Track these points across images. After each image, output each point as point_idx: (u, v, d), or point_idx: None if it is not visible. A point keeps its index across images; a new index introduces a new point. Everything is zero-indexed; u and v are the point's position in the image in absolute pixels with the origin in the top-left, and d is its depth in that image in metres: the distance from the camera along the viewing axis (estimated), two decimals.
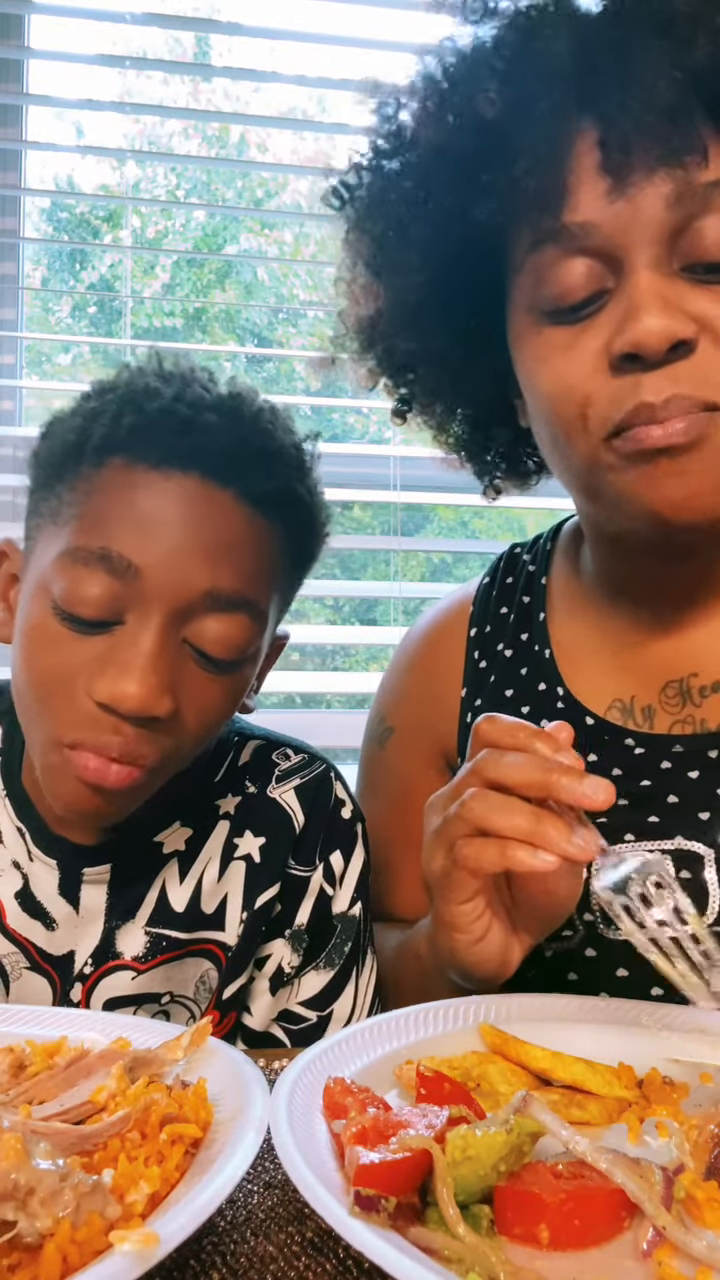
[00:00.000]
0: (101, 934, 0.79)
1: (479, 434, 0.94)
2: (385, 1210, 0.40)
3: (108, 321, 2.04)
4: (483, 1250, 0.40)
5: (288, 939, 0.84)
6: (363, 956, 0.86)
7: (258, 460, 0.72)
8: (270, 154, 2.03)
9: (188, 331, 2.05)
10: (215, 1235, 0.47)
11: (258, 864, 0.83)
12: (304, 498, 0.78)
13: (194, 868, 0.82)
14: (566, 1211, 0.41)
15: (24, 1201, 0.38)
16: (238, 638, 0.71)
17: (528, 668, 0.90)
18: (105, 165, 1.94)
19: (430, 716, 0.96)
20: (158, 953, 0.80)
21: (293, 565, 0.79)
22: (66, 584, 0.68)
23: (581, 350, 0.71)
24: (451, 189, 0.74)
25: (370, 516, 2.03)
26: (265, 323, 2.14)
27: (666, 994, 0.78)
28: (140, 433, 0.70)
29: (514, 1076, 0.57)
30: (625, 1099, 0.56)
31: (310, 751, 0.89)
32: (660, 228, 0.67)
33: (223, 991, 0.82)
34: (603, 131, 0.67)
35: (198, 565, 0.68)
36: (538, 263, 0.72)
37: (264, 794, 0.85)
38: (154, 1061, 0.54)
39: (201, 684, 0.71)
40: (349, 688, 1.80)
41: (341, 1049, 0.56)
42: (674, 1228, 0.41)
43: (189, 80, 1.99)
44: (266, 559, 0.74)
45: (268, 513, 0.73)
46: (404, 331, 0.85)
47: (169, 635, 0.68)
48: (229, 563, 0.70)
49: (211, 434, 0.70)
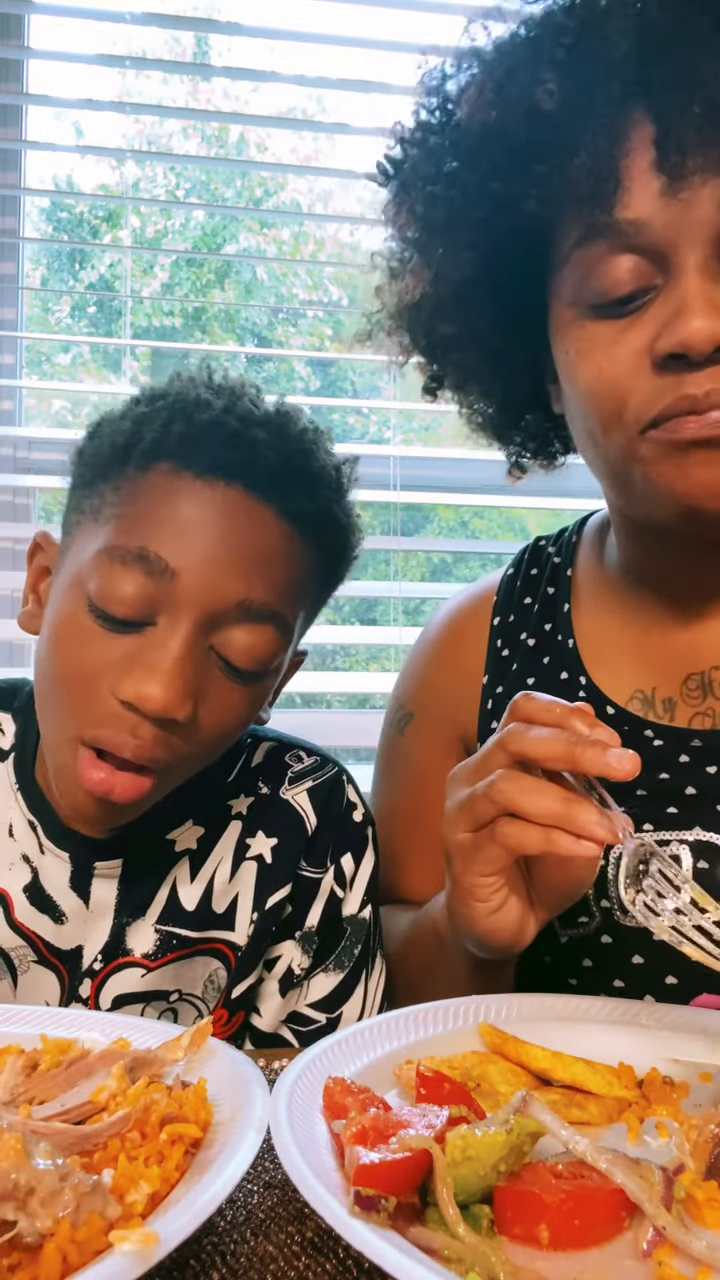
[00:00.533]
0: (111, 930, 0.80)
1: (510, 415, 0.94)
2: (385, 1210, 0.39)
3: (107, 321, 2.04)
4: (483, 1250, 0.40)
5: (298, 941, 0.84)
6: (372, 959, 0.86)
7: (300, 479, 0.74)
8: (270, 153, 2.03)
9: (187, 331, 2.05)
10: (215, 1235, 0.47)
11: (269, 865, 0.83)
12: (339, 519, 0.79)
13: (205, 866, 0.83)
14: (566, 1211, 0.41)
15: (24, 1201, 0.38)
16: (264, 650, 0.72)
17: (550, 657, 0.91)
18: (105, 165, 1.94)
19: (451, 703, 0.96)
20: (167, 950, 0.81)
21: (321, 584, 0.80)
22: (102, 581, 0.69)
23: (625, 347, 0.71)
24: (503, 177, 0.74)
25: (370, 516, 2.03)
26: (265, 322, 2.14)
27: (681, 982, 0.78)
28: (189, 441, 0.71)
29: (514, 1076, 0.57)
30: (625, 1099, 0.56)
31: (322, 754, 0.90)
32: (711, 229, 0.67)
33: (231, 991, 0.82)
34: (659, 130, 0.67)
35: (233, 574, 0.70)
36: (585, 257, 0.72)
37: (277, 795, 0.85)
38: (154, 1062, 0.54)
39: (223, 692, 0.72)
40: (349, 688, 1.80)
41: (341, 1049, 0.57)
42: (674, 1228, 0.41)
43: (188, 80, 1.99)
44: (298, 576, 0.75)
45: (304, 531, 0.74)
46: (444, 313, 0.85)
47: (198, 641, 0.69)
48: (263, 575, 0.71)
49: (258, 449, 0.72)
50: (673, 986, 0.79)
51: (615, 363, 0.71)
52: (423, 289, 0.83)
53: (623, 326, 0.71)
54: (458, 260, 0.79)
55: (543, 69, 0.70)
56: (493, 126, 0.73)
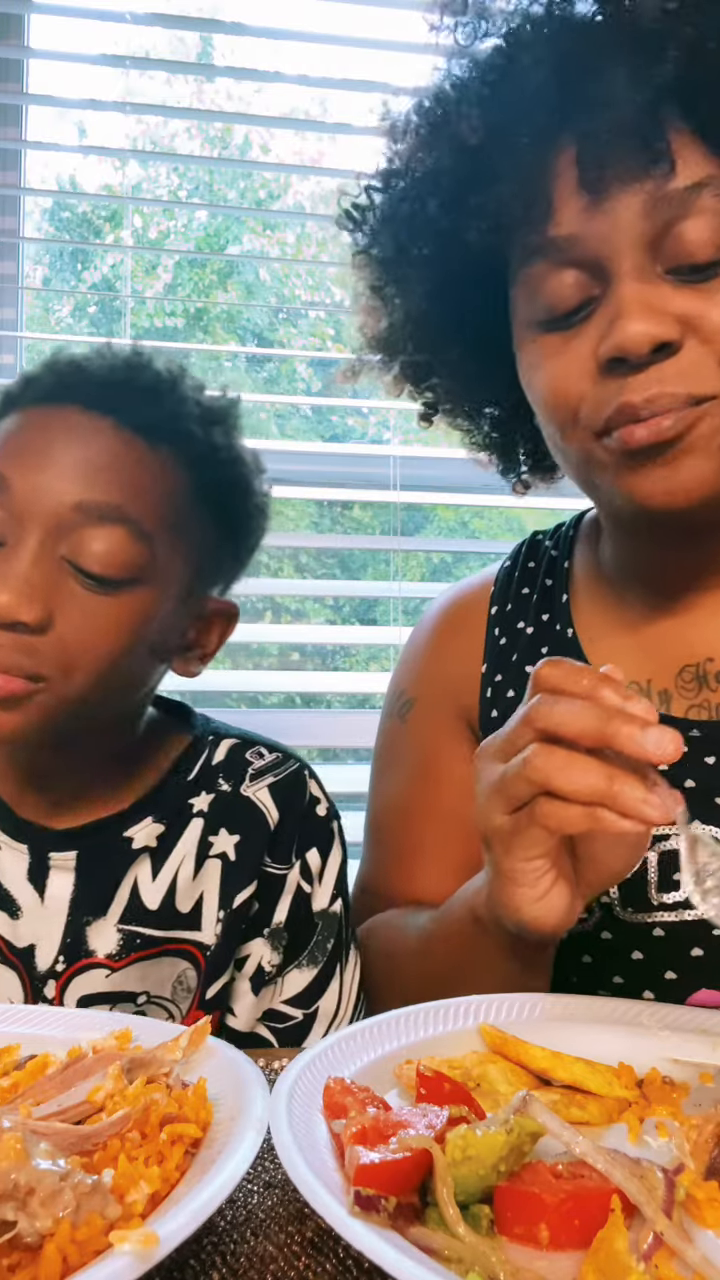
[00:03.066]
0: (68, 929, 0.79)
1: (504, 433, 0.97)
2: (385, 1210, 0.39)
3: (109, 321, 2.04)
4: (483, 1250, 0.40)
5: (267, 938, 0.84)
6: (346, 953, 0.86)
7: (139, 392, 0.77)
8: (273, 155, 2.03)
9: (189, 331, 2.05)
10: (215, 1235, 0.47)
11: (233, 862, 0.83)
12: (199, 434, 0.79)
13: (167, 865, 0.82)
14: (566, 1211, 0.41)
15: (24, 1201, 0.38)
16: (117, 553, 0.72)
17: (549, 646, 0.92)
18: (108, 165, 1.94)
19: (452, 687, 0.96)
20: (131, 950, 0.80)
21: (205, 510, 0.79)
22: None
23: (571, 355, 0.74)
24: (444, 212, 0.78)
25: (370, 516, 2.04)
26: (266, 323, 2.14)
27: (680, 978, 0.78)
28: (34, 380, 0.77)
29: (514, 1076, 0.57)
30: (625, 1099, 0.56)
31: (283, 750, 0.90)
32: (639, 235, 0.70)
33: (205, 992, 0.82)
34: (579, 150, 0.71)
35: (66, 479, 0.72)
36: (529, 276, 0.76)
37: (238, 792, 0.85)
38: (152, 1062, 0.54)
39: (84, 603, 0.72)
40: (349, 688, 1.80)
41: (341, 1049, 0.56)
42: (672, 1233, 0.41)
43: (192, 81, 1.99)
44: (152, 483, 0.75)
45: (153, 440, 0.75)
46: (417, 347, 0.89)
47: (44, 549, 0.71)
48: (101, 476, 0.73)
49: (94, 372, 0.77)
50: (672, 982, 0.79)
51: (564, 371, 0.74)
52: (393, 328, 0.87)
53: (569, 336, 0.74)
54: (418, 297, 0.84)
55: (468, 105, 0.75)
56: (430, 165, 0.78)
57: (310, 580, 2.10)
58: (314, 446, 1.95)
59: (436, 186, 0.78)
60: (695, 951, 0.77)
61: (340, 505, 1.97)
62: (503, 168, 0.73)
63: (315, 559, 2.10)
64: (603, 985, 0.81)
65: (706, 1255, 0.40)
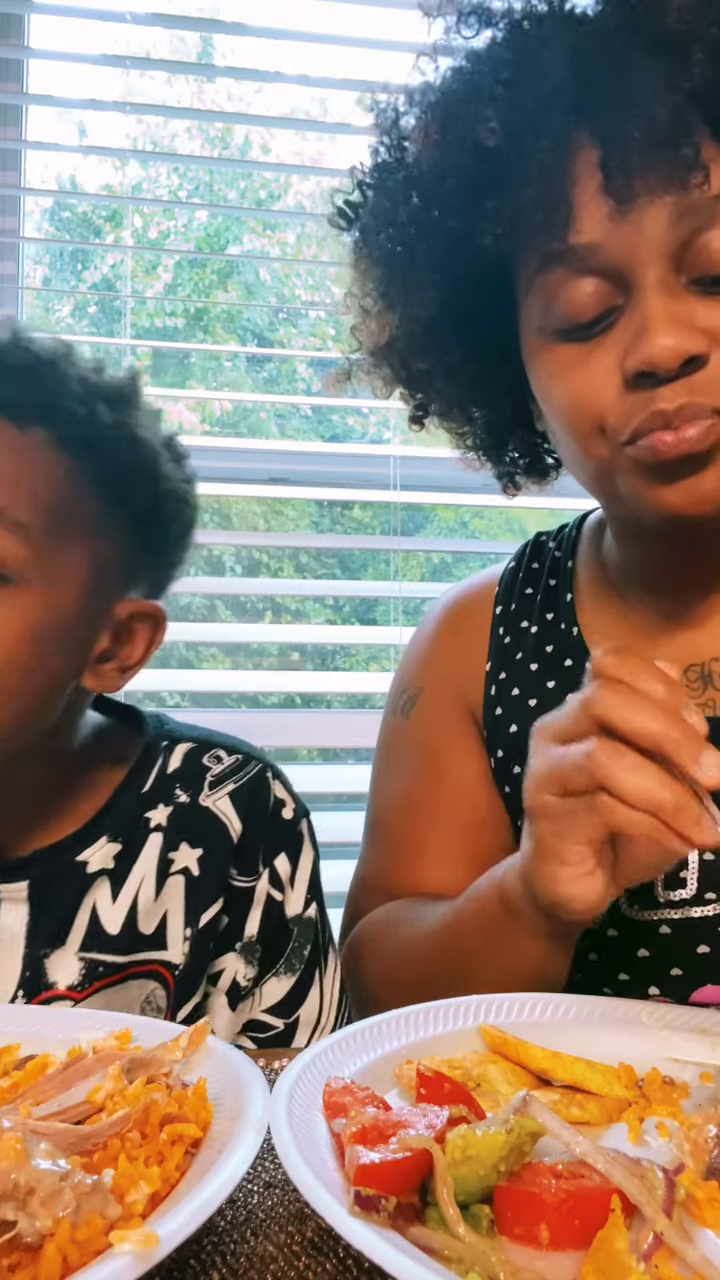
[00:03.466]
0: (26, 962, 0.75)
1: (497, 437, 0.96)
2: (385, 1210, 0.39)
3: (109, 321, 2.04)
4: (483, 1250, 0.40)
5: (239, 952, 0.81)
6: (324, 958, 0.84)
7: (8, 372, 0.73)
8: (273, 155, 2.03)
9: (189, 331, 2.05)
10: (215, 1235, 0.47)
11: (197, 877, 0.80)
12: (81, 413, 0.74)
13: (127, 886, 0.78)
14: (566, 1211, 0.41)
15: (24, 1201, 0.38)
16: None
17: (554, 645, 0.92)
18: (109, 165, 1.94)
19: (456, 683, 0.96)
20: (94, 979, 0.77)
21: (95, 492, 0.75)
22: None
23: (595, 367, 0.72)
24: (456, 214, 0.75)
25: (370, 516, 2.04)
26: (266, 323, 2.14)
27: (686, 975, 0.78)
28: None
29: (514, 1076, 0.57)
30: (625, 1099, 0.56)
31: (245, 751, 0.86)
32: (665, 245, 0.68)
33: (177, 1012, 0.79)
34: (603, 154, 0.68)
35: None
36: (546, 283, 0.73)
37: (196, 802, 0.81)
38: (151, 1063, 0.54)
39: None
40: (349, 688, 1.80)
41: (341, 1049, 0.56)
42: (672, 1233, 0.40)
43: (193, 81, 1.99)
44: (23, 466, 0.71)
45: (23, 423, 0.71)
46: (416, 350, 0.86)
47: None
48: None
49: None
50: (677, 978, 0.79)
51: (587, 382, 0.72)
52: (392, 330, 0.83)
53: (591, 347, 0.72)
54: (422, 299, 0.80)
55: (483, 106, 0.70)
56: (441, 166, 0.74)
57: (310, 580, 2.10)
58: (314, 446, 1.95)
59: (447, 187, 0.74)
60: (701, 949, 0.77)
61: (340, 505, 1.97)
62: (520, 171, 0.70)
63: (315, 559, 2.10)
64: (608, 982, 0.81)
65: (706, 1255, 0.40)
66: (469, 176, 0.73)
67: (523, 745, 0.89)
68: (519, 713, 0.91)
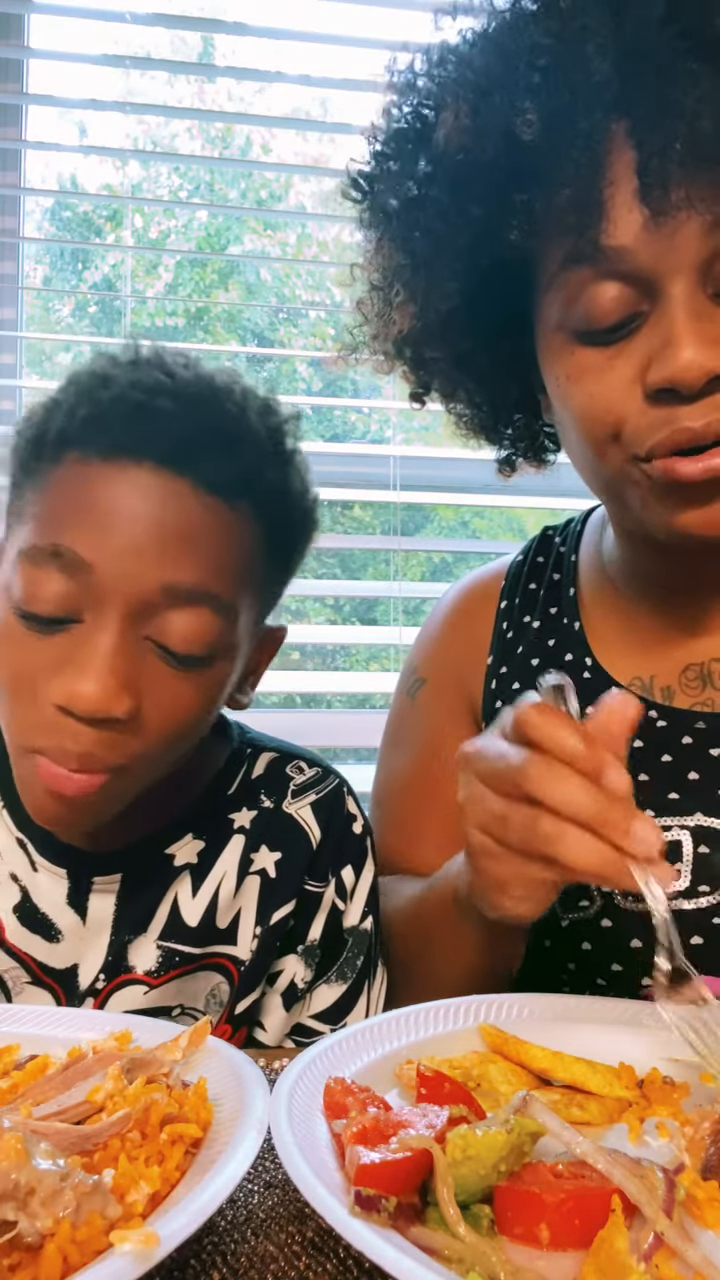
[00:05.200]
0: (109, 947, 0.78)
1: (499, 419, 0.95)
2: (385, 1210, 0.39)
3: (110, 321, 2.04)
4: (483, 1250, 0.40)
5: (300, 955, 0.83)
6: (374, 970, 0.86)
7: (216, 445, 0.68)
8: (274, 156, 2.04)
9: (189, 331, 2.05)
10: (216, 1235, 0.47)
11: (273, 879, 0.82)
12: (277, 483, 0.73)
13: (208, 881, 0.81)
14: (566, 1211, 0.41)
15: (24, 1201, 0.38)
16: (202, 633, 0.68)
17: (555, 639, 0.92)
18: (110, 165, 1.94)
19: (460, 673, 0.97)
20: (170, 968, 0.79)
21: (271, 555, 0.74)
22: (24, 584, 0.66)
23: (616, 375, 0.70)
24: (484, 205, 0.73)
25: (370, 516, 2.03)
26: (267, 323, 2.14)
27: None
28: (91, 423, 0.67)
29: (514, 1076, 0.57)
30: (625, 1099, 0.56)
31: (323, 765, 0.89)
32: (696, 256, 0.67)
33: (235, 1006, 0.81)
34: (641, 160, 0.66)
35: (151, 559, 0.65)
36: (569, 282, 0.71)
37: (280, 809, 0.84)
38: (152, 1063, 0.54)
39: (168, 682, 0.68)
40: (349, 688, 1.80)
41: (341, 1049, 0.56)
42: (672, 1233, 0.41)
43: (194, 81, 1.99)
44: (233, 550, 0.70)
45: (232, 500, 0.69)
46: (430, 337, 0.84)
47: (127, 633, 0.65)
48: (186, 555, 0.66)
49: (163, 420, 0.67)
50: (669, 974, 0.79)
51: (607, 390, 0.71)
52: (409, 320, 0.81)
53: (612, 354, 0.71)
54: (443, 291, 0.78)
55: (519, 95, 0.67)
56: (471, 153, 0.71)
57: (310, 580, 2.10)
58: (314, 446, 1.95)
59: (474, 176, 0.71)
60: (695, 940, 0.78)
61: (340, 505, 1.97)
62: (554, 167, 0.68)
63: (315, 559, 2.10)
64: (601, 972, 0.82)
65: (707, 1255, 0.40)
66: (499, 166, 0.70)
67: None
68: None
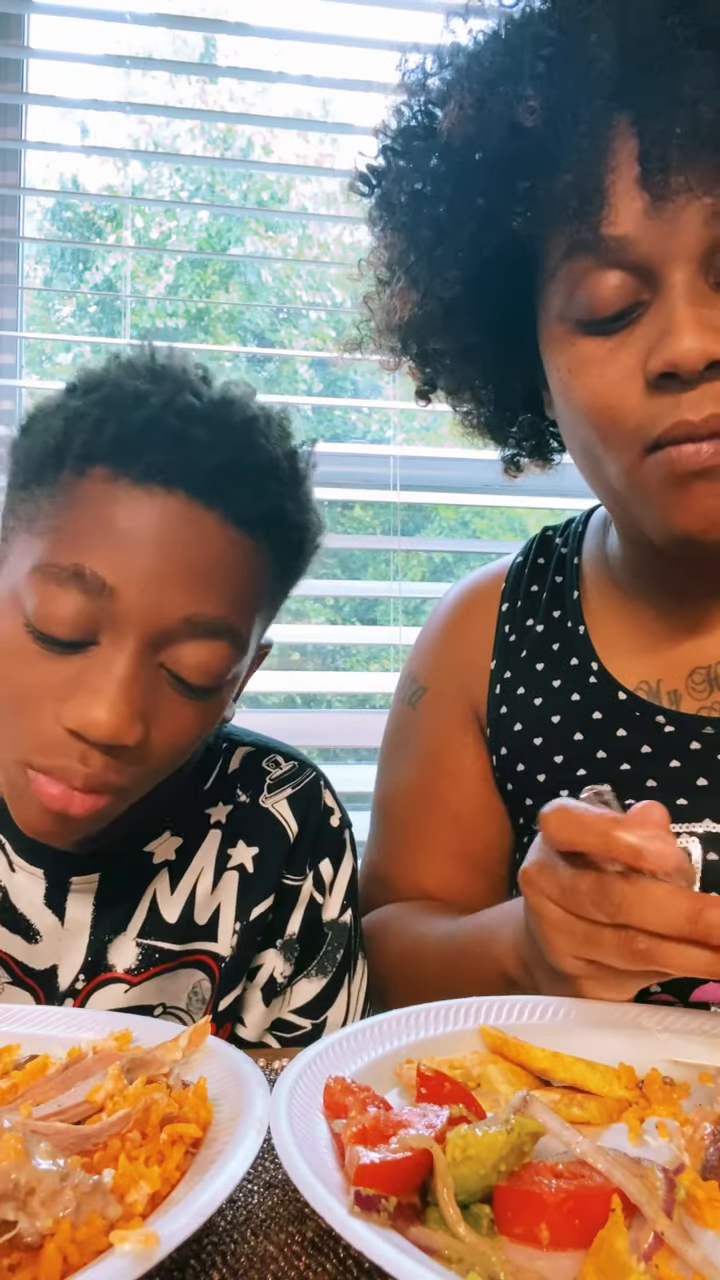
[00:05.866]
0: (88, 947, 0.78)
1: (504, 416, 0.95)
2: (385, 1210, 0.39)
3: (110, 322, 2.04)
4: (483, 1250, 0.40)
5: (279, 949, 0.83)
6: (354, 964, 0.86)
7: (246, 479, 0.68)
8: (275, 157, 2.04)
9: (190, 332, 2.05)
10: (215, 1235, 0.46)
11: (251, 874, 0.82)
12: (294, 515, 0.73)
13: (186, 877, 0.81)
14: (567, 1211, 0.41)
15: (24, 1201, 0.38)
16: (217, 665, 0.68)
17: (560, 643, 0.92)
18: (112, 165, 1.94)
19: (462, 679, 0.96)
20: (150, 965, 0.79)
21: (279, 581, 0.75)
22: (39, 601, 0.64)
23: (617, 366, 0.71)
24: (487, 193, 0.73)
25: (370, 516, 2.03)
26: (267, 324, 2.14)
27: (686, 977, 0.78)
28: (124, 443, 0.65)
29: (514, 1076, 0.57)
30: (625, 1099, 0.56)
31: (300, 759, 0.88)
32: (698, 245, 0.67)
33: (219, 1003, 0.81)
34: (642, 146, 0.67)
35: (177, 590, 0.65)
36: (571, 271, 0.72)
37: (256, 804, 0.84)
38: (152, 1063, 0.54)
39: (175, 709, 0.68)
40: (349, 688, 1.80)
41: (341, 1049, 0.56)
42: (672, 1233, 0.40)
43: (195, 81, 1.99)
44: (251, 582, 0.70)
45: (254, 533, 0.69)
46: (433, 328, 0.84)
47: (144, 660, 0.65)
48: (211, 589, 0.66)
49: (199, 450, 0.66)
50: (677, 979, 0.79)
51: (609, 382, 0.71)
52: (411, 307, 0.81)
53: (614, 344, 0.71)
54: (446, 279, 0.78)
55: (523, 84, 0.68)
56: (474, 142, 0.72)
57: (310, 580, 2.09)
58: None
59: (478, 164, 0.72)
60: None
61: (340, 505, 1.97)
62: (556, 155, 0.68)
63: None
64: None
65: (707, 1255, 0.40)
66: (502, 155, 0.71)
67: (527, 745, 0.89)
68: (524, 712, 0.91)
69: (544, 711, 0.90)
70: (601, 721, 0.86)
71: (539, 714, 0.90)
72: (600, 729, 0.86)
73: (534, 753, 0.89)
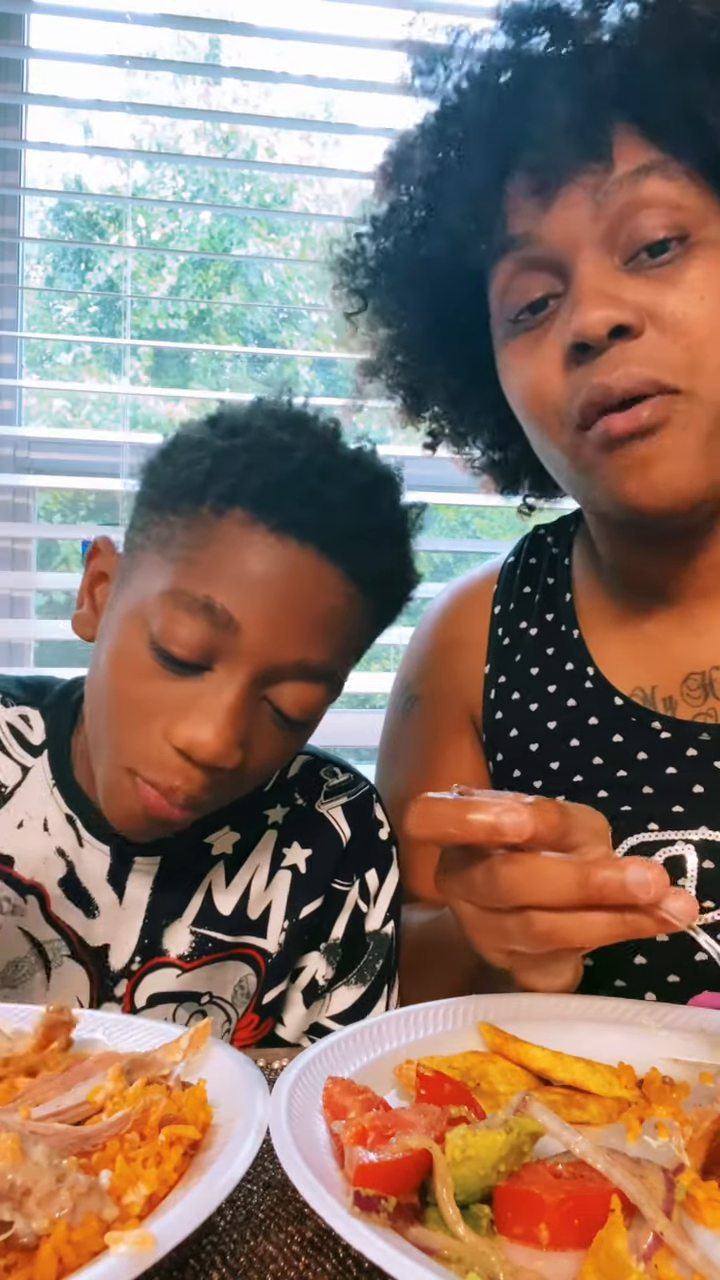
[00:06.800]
0: (143, 930, 0.81)
1: (502, 455, 0.99)
2: (385, 1210, 0.39)
3: (112, 321, 2.04)
4: (483, 1250, 0.39)
5: (323, 952, 0.85)
6: (392, 976, 0.87)
7: (369, 540, 0.73)
8: (278, 158, 2.04)
9: (192, 332, 2.05)
10: (215, 1235, 0.46)
11: (303, 875, 0.85)
12: (401, 573, 0.80)
13: (242, 872, 0.84)
14: (566, 1211, 0.41)
15: (20, 1202, 0.38)
16: (315, 703, 0.74)
17: (554, 647, 0.92)
18: (115, 166, 1.94)
19: (456, 685, 0.97)
20: (202, 953, 0.82)
21: (375, 630, 0.81)
22: (165, 622, 0.69)
23: (541, 353, 0.77)
24: (417, 239, 0.83)
25: None
26: (269, 325, 2.14)
27: (683, 982, 0.79)
28: (268, 493, 0.69)
29: (514, 1076, 0.57)
30: (625, 1099, 0.56)
31: (354, 772, 0.92)
32: (590, 228, 0.73)
33: (262, 997, 0.84)
34: (526, 157, 0.75)
35: (295, 635, 0.70)
36: (497, 278, 0.79)
37: (312, 808, 0.87)
38: (152, 1064, 0.54)
39: (270, 737, 0.73)
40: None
41: (341, 1049, 0.56)
42: (671, 1233, 0.40)
43: (199, 82, 1.99)
44: (355, 633, 0.76)
45: (366, 590, 0.74)
46: (408, 368, 0.93)
47: (253, 692, 0.70)
48: (323, 637, 0.71)
49: (332, 509, 0.70)
50: (675, 985, 0.79)
51: (536, 369, 0.77)
52: (387, 351, 0.92)
53: (537, 336, 0.78)
54: (410, 319, 0.89)
55: (434, 145, 0.80)
56: (405, 202, 0.84)
57: None
58: None
59: (410, 218, 0.83)
60: (699, 956, 0.77)
61: None
62: (462, 188, 0.78)
63: None
64: (605, 988, 0.81)
65: (706, 1255, 0.40)
66: (422, 203, 0.82)
67: (523, 750, 0.90)
68: (520, 717, 0.91)
69: (540, 717, 0.90)
70: (598, 727, 0.86)
71: (535, 719, 0.90)
72: (596, 735, 0.86)
73: (530, 759, 0.89)
